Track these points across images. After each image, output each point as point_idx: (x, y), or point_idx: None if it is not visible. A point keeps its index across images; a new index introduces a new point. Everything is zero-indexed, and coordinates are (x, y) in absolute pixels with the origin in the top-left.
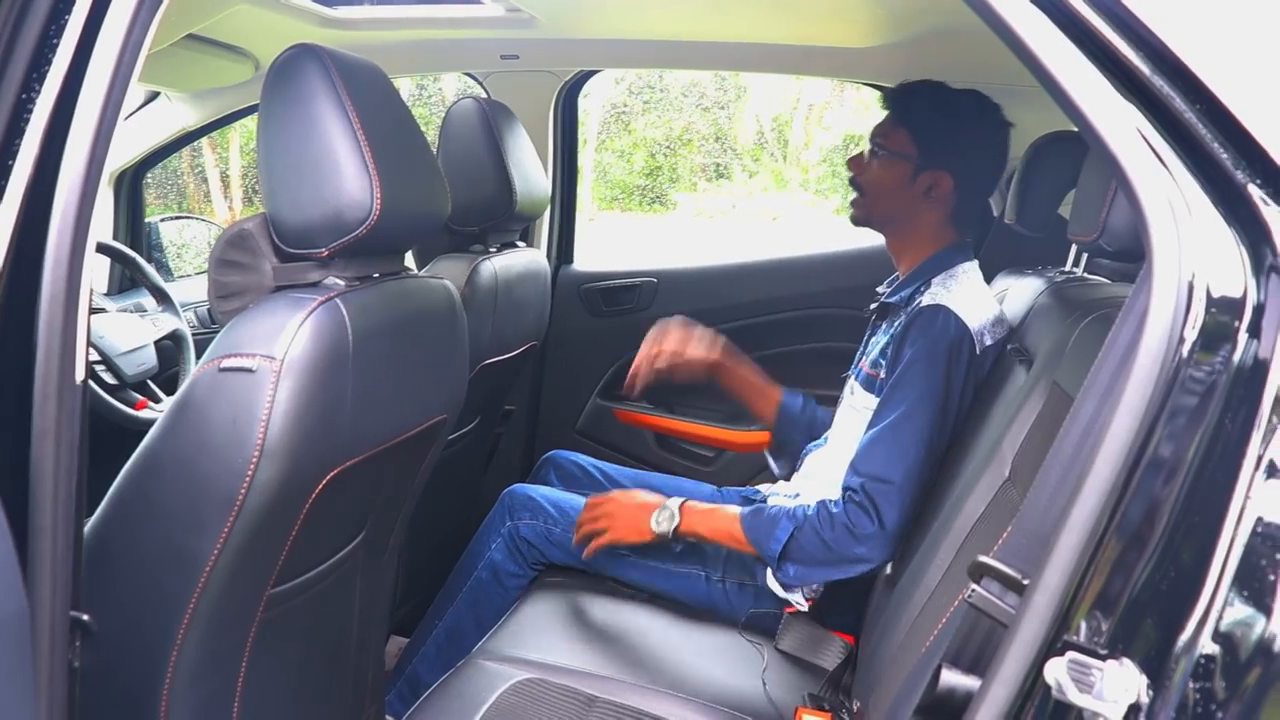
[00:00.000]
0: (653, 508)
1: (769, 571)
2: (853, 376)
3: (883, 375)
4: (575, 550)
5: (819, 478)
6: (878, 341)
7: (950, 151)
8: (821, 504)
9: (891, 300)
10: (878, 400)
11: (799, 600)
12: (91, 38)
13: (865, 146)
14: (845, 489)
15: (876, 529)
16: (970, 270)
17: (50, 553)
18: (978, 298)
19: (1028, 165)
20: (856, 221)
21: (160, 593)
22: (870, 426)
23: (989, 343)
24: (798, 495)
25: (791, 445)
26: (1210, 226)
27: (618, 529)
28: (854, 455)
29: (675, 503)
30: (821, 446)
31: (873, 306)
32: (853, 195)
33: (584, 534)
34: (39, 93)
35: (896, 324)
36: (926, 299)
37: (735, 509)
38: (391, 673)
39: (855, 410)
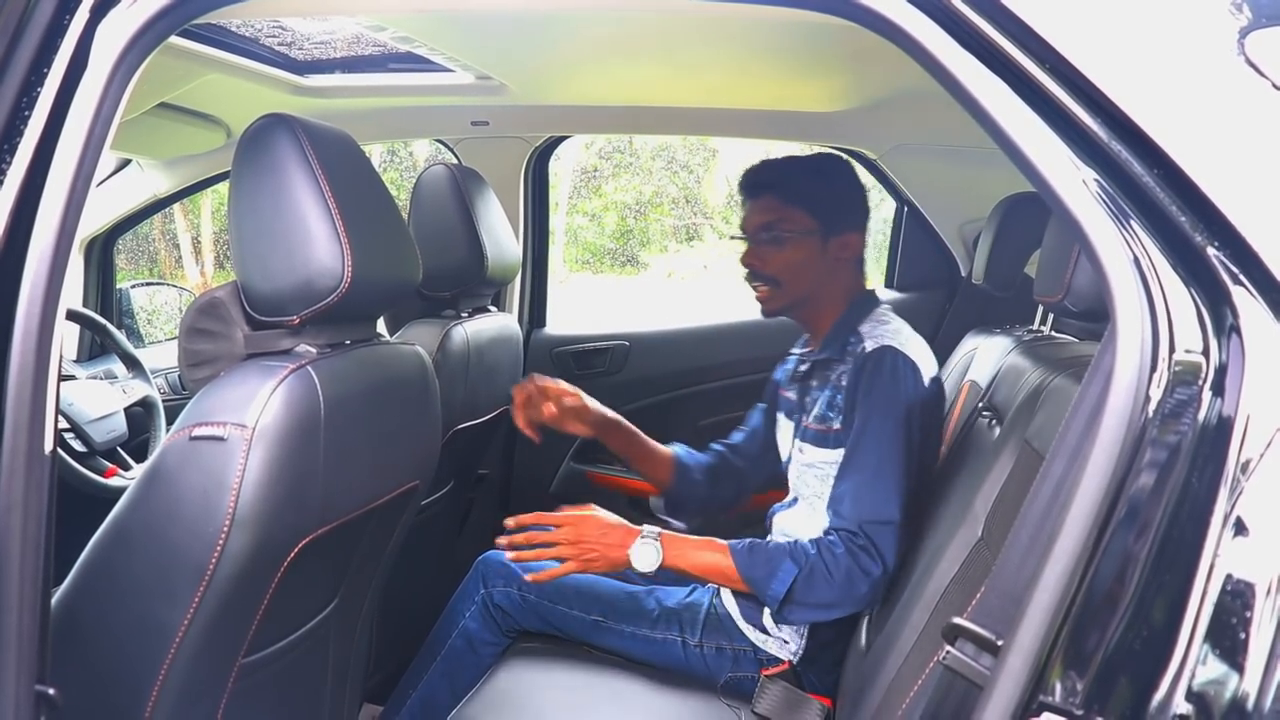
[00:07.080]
0: (631, 538)
1: (765, 613)
2: (796, 438)
3: (836, 427)
4: (549, 613)
5: (791, 534)
6: (817, 398)
7: (847, 211)
8: (820, 545)
9: (822, 357)
10: (835, 452)
11: (789, 652)
12: (63, 110)
13: (747, 240)
14: (841, 531)
15: (881, 572)
16: (888, 312)
17: (15, 627)
18: (909, 335)
19: (994, 226)
20: (773, 314)
21: (129, 664)
22: (843, 475)
23: (933, 374)
24: None
25: (694, 498)
26: (1171, 288)
27: (591, 560)
28: (836, 502)
29: (653, 532)
30: (790, 507)
31: (803, 368)
32: (759, 290)
33: (546, 557)
34: (10, 164)
35: (838, 374)
36: (869, 344)
37: (722, 542)
38: None
39: (811, 467)
